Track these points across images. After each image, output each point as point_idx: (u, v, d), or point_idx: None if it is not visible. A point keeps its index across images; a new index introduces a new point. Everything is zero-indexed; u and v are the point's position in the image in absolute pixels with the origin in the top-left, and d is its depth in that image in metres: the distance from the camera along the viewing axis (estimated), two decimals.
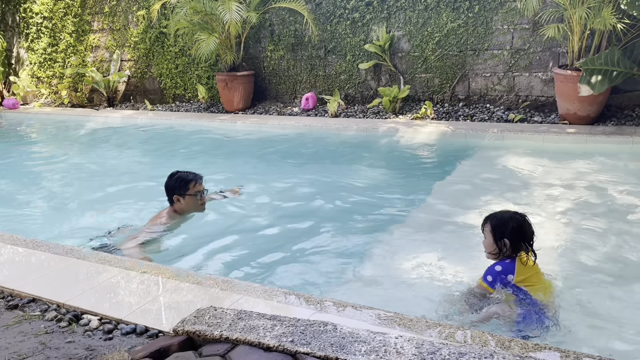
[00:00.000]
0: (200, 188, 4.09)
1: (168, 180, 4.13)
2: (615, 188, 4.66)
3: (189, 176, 4.08)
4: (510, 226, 2.79)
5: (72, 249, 3.43)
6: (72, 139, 8.67)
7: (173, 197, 4.10)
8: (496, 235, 2.82)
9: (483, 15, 7.35)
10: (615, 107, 6.76)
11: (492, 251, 2.85)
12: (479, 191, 4.77)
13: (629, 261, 3.39)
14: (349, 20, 8.22)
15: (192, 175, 4.10)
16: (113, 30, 10.44)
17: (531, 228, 2.83)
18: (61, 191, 5.70)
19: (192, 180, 4.06)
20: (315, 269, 3.51)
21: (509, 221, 2.81)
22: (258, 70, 9.14)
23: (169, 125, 8.58)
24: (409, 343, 1.98)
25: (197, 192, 4.07)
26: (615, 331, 2.67)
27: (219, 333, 2.13)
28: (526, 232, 2.80)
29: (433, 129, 6.79)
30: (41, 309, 2.69)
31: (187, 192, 4.04)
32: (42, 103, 11.23)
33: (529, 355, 2.04)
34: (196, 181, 4.07)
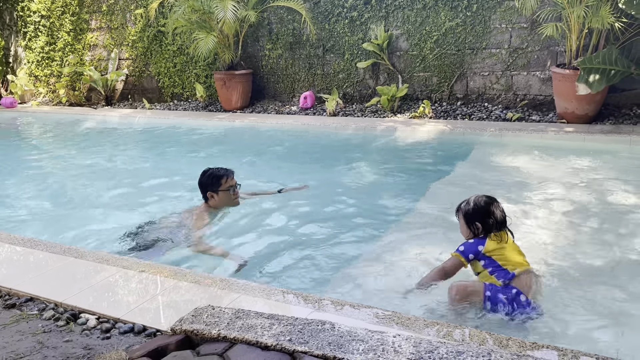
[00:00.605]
0: (232, 183, 4.16)
1: (201, 177, 4.22)
2: (613, 186, 4.66)
3: (221, 172, 4.15)
4: (479, 210, 2.96)
5: (70, 248, 3.42)
6: (70, 137, 8.66)
7: (207, 194, 4.17)
8: (468, 220, 3.00)
9: (481, 14, 7.35)
10: (613, 106, 6.76)
11: (468, 236, 3.02)
12: (476, 190, 4.75)
13: (627, 259, 3.40)
14: (347, 19, 8.22)
15: (223, 171, 4.17)
16: (111, 29, 10.42)
17: (500, 209, 2.97)
18: (60, 190, 5.69)
19: (223, 176, 4.14)
20: (314, 268, 3.50)
21: (478, 206, 2.98)
22: (256, 69, 9.14)
23: (167, 124, 8.57)
24: (407, 342, 1.98)
25: (230, 187, 4.14)
26: (614, 330, 2.68)
27: (216, 332, 2.13)
28: (495, 214, 2.94)
29: (431, 128, 6.79)
30: (39, 308, 2.69)
31: (219, 188, 4.12)
32: (40, 102, 11.21)
33: (527, 353, 2.04)
34: (228, 176, 4.15)
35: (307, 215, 4.40)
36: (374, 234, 3.97)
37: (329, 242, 3.86)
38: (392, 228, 4.06)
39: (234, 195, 4.20)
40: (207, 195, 4.18)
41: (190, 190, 5.33)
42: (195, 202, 4.88)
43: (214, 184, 4.14)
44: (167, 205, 4.92)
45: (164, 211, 4.75)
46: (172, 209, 4.76)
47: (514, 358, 1.86)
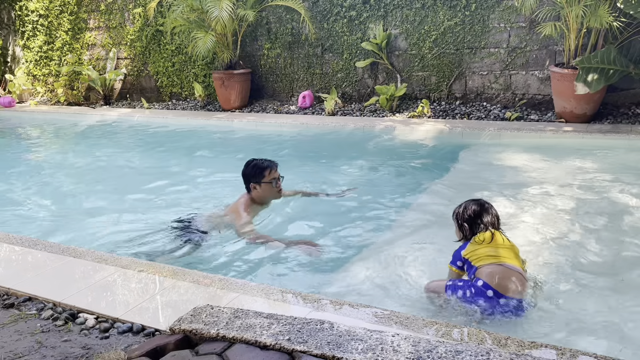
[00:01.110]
0: (275, 175, 4.10)
1: (244, 168, 4.17)
2: (612, 186, 4.67)
3: (264, 163, 4.10)
4: (467, 212, 3.05)
5: (68, 248, 3.42)
6: (68, 137, 8.65)
7: (250, 185, 4.13)
8: (458, 222, 3.09)
9: (480, 14, 7.35)
10: (612, 105, 6.77)
11: (459, 238, 3.11)
12: (475, 189, 4.77)
13: (625, 258, 3.40)
14: (345, 18, 8.21)
15: (267, 162, 4.11)
16: (109, 28, 10.40)
17: (489, 211, 3.03)
18: (58, 190, 5.69)
19: (267, 168, 4.08)
20: (312, 267, 3.50)
21: (466, 208, 3.07)
22: (255, 69, 9.13)
23: (165, 124, 8.57)
24: (406, 341, 1.98)
25: (273, 179, 4.08)
26: (613, 328, 2.68)
27: (215, 331, 2.12)
28: (481, 216, 3.01)
29: (430, 128, 6.79)
30: (37, 308, 2.69)
31: (262, 180, 4.07)
32: (38, 101, 11.19)
33: (525, 352, 2.04)
34: (271, 168, 4.09)
35: (305, 214, 4.40)
36: (373, 232, 3.98)
37: (327, 241, 3.86)
38: (391, 226, 4.06)
39: (277, 187, 4.12)
40: (250, 187, 4.12)
41: (187, 190, 5.34)
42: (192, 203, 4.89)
43: (257, 175, 4.07)
44: (165, 204, 4.92)
45: (162, 210, 4.75)
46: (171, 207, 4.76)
47: (513, 357, 1.87)
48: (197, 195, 5.12)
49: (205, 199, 4.98)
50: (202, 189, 5.33)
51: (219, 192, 5.21)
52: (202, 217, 4.22)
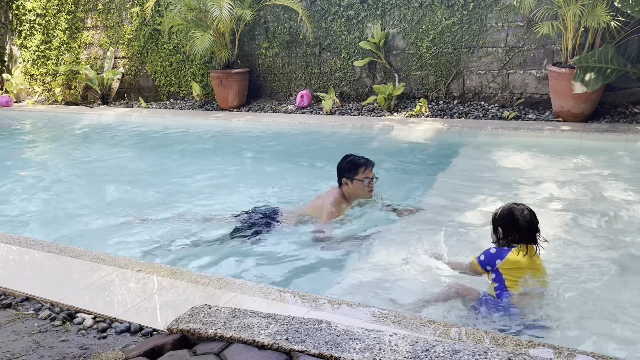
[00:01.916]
0: (369, 174, 4.00)
1: (340, 162, 4.08)
2: (609, 185, 4.68)
3: (360, 161, 4.00)
4: (504, 217, 2.90)
5: (66, 248, 3.41)
6: (65, 136, 8.63)
7: (342, 180, 4.04)
8: (493, 224, 2.96)
9: (477, 13, 7.36)
10: (609, 104, 6.78)
11: (493, 240, 2.98)
12: (473, 188, 4.78)
13: (624, 256, 3.41)
14: (343, 17, 8.21)
15: (363, 160, 4.02)
16: (107, 28, 10.38)
17: (529, 222, 2.86)
18: (55, 190, 5.67)
19: (362, 165, 3.98)
20: (310, 267, 3.50)
21: (507, 212, 2.91)
22: (253, 68, 9.12)
23: (163, 123, 8.55)
24: (404, 340, 1.99)
25: (366, 177, 3.98)
26: (608, 327, 2.68)
27: (213, 331, 2.12)
28: (520, 225, 2.85)
29: (428, 127, 6.80)
30: (35, 308, 2.68)
31: (355, 177, 3.97)
32: (36, 101, 11.17)
33: (523, 352, 2.05)
34: (366, 167, 3.99)
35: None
36: (371, 231, 3.97)
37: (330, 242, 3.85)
38: (388, 226, 4.06)
39: (369, 187, 4.01)
40: (342, 181, 4.03)
41: (185, 189, 5.34)
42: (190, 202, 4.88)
43: (351, 171, 3.98)
44: (161, 202, 4.91)
45: (159, 209, 4.75)
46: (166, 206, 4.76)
47: (510, 356, 1.87)
48: (194, 194, 5.12)
49: (202, 198, 4.98)
50: (199, 188, 5.32)
51: (216, 190, 5.21)
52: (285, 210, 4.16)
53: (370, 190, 4.04)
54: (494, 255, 2.88)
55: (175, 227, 4.31)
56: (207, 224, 4.31)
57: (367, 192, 4.04)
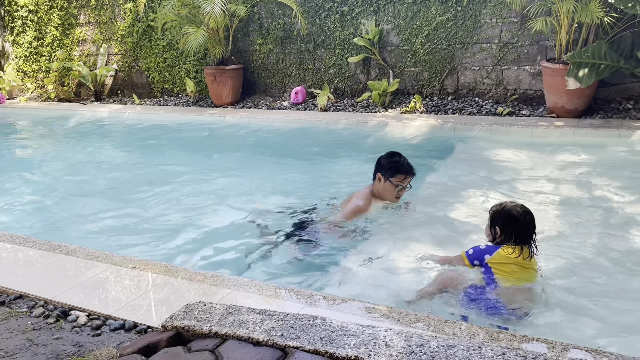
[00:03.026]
0: (405, 183, 3.86)
1: (384, 156, 3.94)
2: (602, 180, 4.70)
3: (404, 166, 3.85)
4: (505, 217, 2.90)
5: (60, 245, 3.40)
6: (59, 133, 8.58)
7: (377, 174, 3.92)
8: (492, 221, 2.97)
9: (472, 9, 7.36)
10: (603, 100, 6.81)
11: (488, 236, 3.00)
12: (467, 184, 4.79)
13: (615, 253, 3.43)
14: (337, 13, 8.19)
15: (407, 166, 3.86)
16: (100, 24, 10.32)
17: (529, 224, 2.88)
18: (49, 187, 5.64)
19: (403, 172, 3.84)
20: (306, 263, 3.51)
21: (506, 212, 2.91)
22: (247, 64, 9.10)
23: (157, 120, 8.52)
24: (398, 336, 1.99)
25: (400, 184, 3.85)
26: (602, 322, 2.70)
27: (208, 328, 2.12)
28: (520, 226, 2.86)
29: (422, 123, 6.80)
30: (28, 306, 2.67)
31: (391, 178, 3.83)
32: (28, 97, 11.10)
33: (517, 346, 2.06)
34: (406, 175, 3.85)
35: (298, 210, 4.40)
36: (365, 228, 3.97)
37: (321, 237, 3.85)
38: (384, 222, 4.06)
39: (398, 194, 3.88)
40: (376, 176, 3.91)
41: (179, 186, 5.32)
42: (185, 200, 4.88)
43: (390, 171, 3.84)
44: (157, 200, 4.90)
45: (155, 207, 4.74)
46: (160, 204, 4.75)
47: (504, 351, 1.88)
48: (188, 190, 5.11)
49: (198, 196, 4.97)
50: (195, 186, 5.31)
51: (212, 188, 5.20)
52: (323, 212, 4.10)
53: (397, 197, 3.93)
54: (483, 251, 2.91)
55: (171, 224, 4.31)
56: (202, 222, 4.31)
57: (394, 198, 3.93)
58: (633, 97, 6.71)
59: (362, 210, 3.89)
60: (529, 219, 2.88)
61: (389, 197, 3.93)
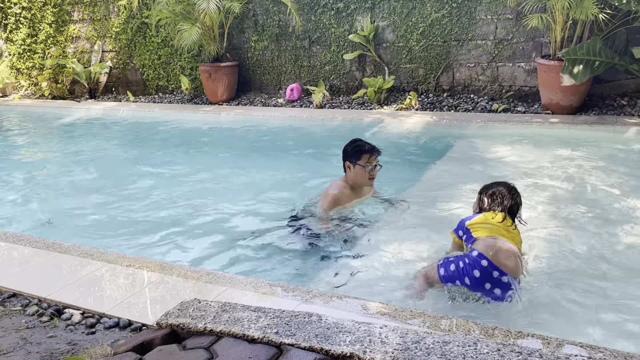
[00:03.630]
0: (372, 162, 3.89)
1: (346, 145, 3.99)
2: (597, 177, 4.71)
3: (365, 147, 3.91)
4: (492, 189, 3.09)
5: (54, 243, 3.38)
6: (53, 131, 8.54)
7: (345, 164, 3.96)
8: (480, 192, 3.15)
9: (467, 6, 7.36)
10: (597, 96, 6.82)
11: (474, 209, 3.16)
12: (462, 181, 4.79)
13: (609, 248, 3.44)
14: (333, 10, 8.18)
15: (369, 146, 3.93)
16: (94, 21, 10.26)
17: (513, 198, 3.03)
18: (42, 185, 5.62)
19: (366, 152, 3.88)
20: (301, 260, 3.50)
21: (493, 185, 3.12)
22: (242, 61, 9.07)
23: (151, 117, 8.49)
24: (394, 332, 1.99)
25: (368, 164, 3.88)
26: (597, 318, 2.71)
27: (202, 325, 2.11)
28: (504, 198, 3.02)
29: (418, 120, 6.80)
30: (22, 304, 2.66)
31: (358, 162, 3.88)
32: (22, 95, 11.03)
33: (512, 342, 2.06)
34: (371, 154, 3.89)
35: (294, 205, 4.39)
36: (361, 225, 3.97)
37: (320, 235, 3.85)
38: (379, 219, 4.06)
39: (370, 174, 3.90)
40: (345, 165, 3.96)
41: (174, 183, 5.31)
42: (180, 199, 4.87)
43: (355, 156, 3.89)
44: (152, 198, 4.88)
45: (148, 203, 4.72)
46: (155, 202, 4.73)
47: (500, 347, 1.88)
48: (182, 188, 5.09)
49: (192, 193, 4.96)
50: (189, 183, 5.29)
51: (207, 186, 5.19)
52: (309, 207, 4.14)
53: (371, 178, 3.95)
54: (464, 220, 3.05)
55: (166, 221, 4.29)
56: (197, 219, 4.29)
57: (368, 179, 3.95)
58: (628, 93, 6.73)
59: (338, 199, 3.91)
60: (513, 193, 3.05)
61: (362, 180, 3.94)
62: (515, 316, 2.71)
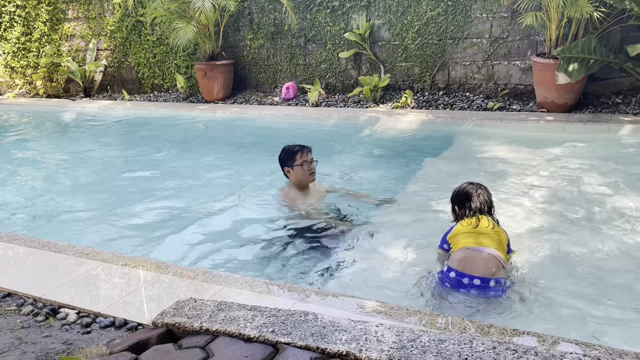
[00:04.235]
0: (307, 158, 4.11)
1: (280, 154, 4.21)
2: (591, 174, 4.73)
3: (295, 148, 4.14)
4: (459, 195, 3.15)
5: (49, 242, 3.37)
6: (48, 130, 8.50)
7: (284, 170, 4.18)
8: (451, 203, 3.22)
9: (462, 4, 7.36)
10: (592, 94, 6.84)
11: (453, 219, 3.20)
12: (458, 179, 4.77)
13: (603, 246, 3.45)
14: (328, 8, 8.17)
15: (298, 146, 4.15)
16: (88, 19, 10.22)
17: (479, 196, 3.09)
18: (37, 184, 5.59)
19: (298, 151, 4.10)
20: (297, 258, 3.50)
21: (459, 191, 3.17)
22: (238, 60, 9.05)
23: (147, 116, 8.46)
24: (390, 331, 1.99)
25: (304, 161, 4.08)
26: (592, 316, 2.72)
27: (198, 325, 2.11)
28: (470, 200, 3.08)
29: (413, 118, 6.81)
30: (17, 304, 2.65)
31: (295, 163, 4.09)
32: (17, 94, 10.98)
33: (507, 340, 2.07)
34: (302, 152, 4.11)
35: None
36: (357, 222, 3.98)
37: (312, 232, 3.85)
38: (374, 216, 4.07)
39: (309, 170, 4.11)
40: (285, 171, 4.18)
41: (170, 182, 5.29)
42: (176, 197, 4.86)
43: (289, 159, 4.12)
44: (147, 197, 4.87)
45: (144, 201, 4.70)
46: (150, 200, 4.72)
47: (495, 345, 1.88)
48: (181, 188, 5.08)
49: (188, 192, 4.95)
50: (185, 182, 5.28)
51: (202, 184, 5.18)
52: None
53: (311, 173, 4.13)
54: (445, 234, 3.11)
55: (161, 220, 4.28)
56: (193, 218, 4.28)
57: (309, 176, 4.13)
58: (622, 91, 6.75)
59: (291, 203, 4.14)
60: (479, 192, 3.11)
61: (304, 178, 4.13)
62: (511, 314, 2.71)
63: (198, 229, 4.06)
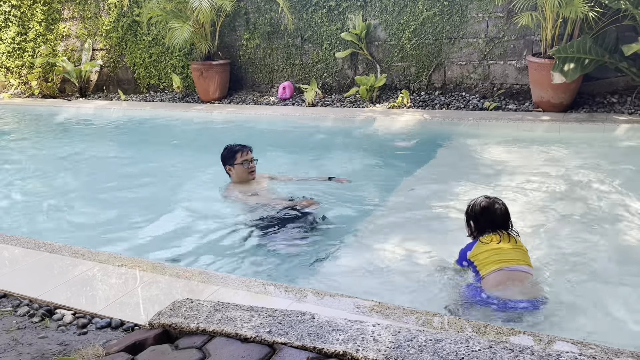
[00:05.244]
0: (247, 157, 4.31)
1: (222, 152, 4.40)
2: (587, 174, 4.74)
3: (236, 147, 4.34)
4: (475, 211, 2.99)
5: (45, 243, 3.36)
6: (43, 130, 8.47)
7: (226, 168, 4.38)
8: (467, 218, 3.04)
9: (458, 4, 7.37)
10: (588, 94, 6.87)
11: (467, 233, 3.07)
12: (454, 179, 4.81)
13: (600, 245, 3.47)
14: (325, 8, 8.17)
15: (239, 146, 4.35)
16: (84, 19, 10.19)
17: (499, 212, 2.95)
18: (33, 184, 5.58)
19: (239, 151, 4.31)
20: (294, 258, 3.50)
21: (474, 205, 3.01)
22: (234, 59, 9.04)
23: (143, 116, 8.44)
24: (386, 331, 1.99)
25: (244, 161, 4.29)
26: (589, 315, 2.73)
27: (195, 325, 2.11)
28: (490, 216, 2.94)
29: (410, 118, 6.82)
30: (13, 305, 2.64)
31: (235, 162, 4.30)
32: (12, 94, 10.94)
33: (504, 339, 2.07)
34: (242, 151, 4.31)
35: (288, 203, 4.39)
36: (354, 222, 3.98)
37: (309, 232, 3.85)
38: (371, 216, 4.07)
39: (249, 169, 4.32)
40: (226, 169, 4.38)
41: (166, 182, 5.29)
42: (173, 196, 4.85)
43: (230, 158, 4.31)
44: (143, 197, 4.86)
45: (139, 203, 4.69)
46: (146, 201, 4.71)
47: (492, 344, 1.89)
48: (177, 188, 5.07)
49: (185, 192, 4.94)
50: (181, 182, 5.27)
51: (199, 184, 5.17)
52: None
53: (250, 172, 4.33)
54: (464, 250, 2.99)
55: (157, 221, 4.27)
56: (189, 218, 4.28)
57: (248, 174, 4.34)
58: (617, 91, 6.78)
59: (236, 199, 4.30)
60: (497, 207, 2.96)
61: (244, 176, 4.35)
62: (507, 314, 2.72)
63: (195, 229, 4.05)
